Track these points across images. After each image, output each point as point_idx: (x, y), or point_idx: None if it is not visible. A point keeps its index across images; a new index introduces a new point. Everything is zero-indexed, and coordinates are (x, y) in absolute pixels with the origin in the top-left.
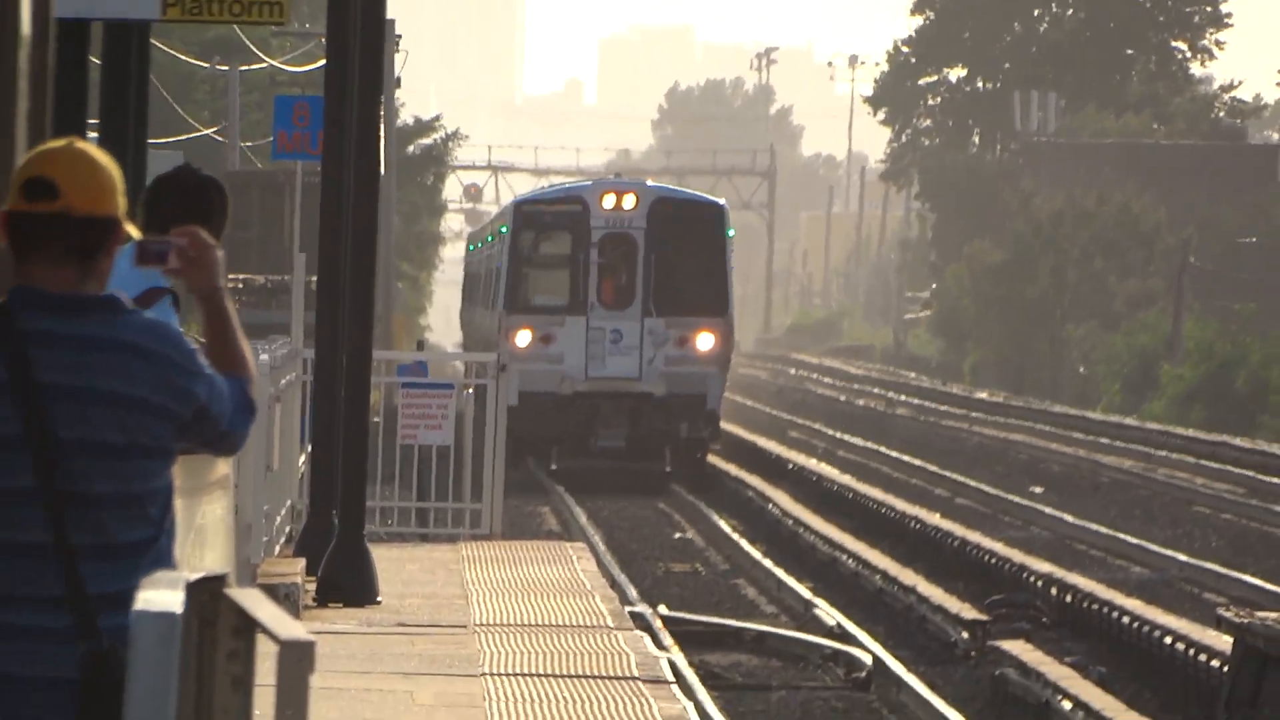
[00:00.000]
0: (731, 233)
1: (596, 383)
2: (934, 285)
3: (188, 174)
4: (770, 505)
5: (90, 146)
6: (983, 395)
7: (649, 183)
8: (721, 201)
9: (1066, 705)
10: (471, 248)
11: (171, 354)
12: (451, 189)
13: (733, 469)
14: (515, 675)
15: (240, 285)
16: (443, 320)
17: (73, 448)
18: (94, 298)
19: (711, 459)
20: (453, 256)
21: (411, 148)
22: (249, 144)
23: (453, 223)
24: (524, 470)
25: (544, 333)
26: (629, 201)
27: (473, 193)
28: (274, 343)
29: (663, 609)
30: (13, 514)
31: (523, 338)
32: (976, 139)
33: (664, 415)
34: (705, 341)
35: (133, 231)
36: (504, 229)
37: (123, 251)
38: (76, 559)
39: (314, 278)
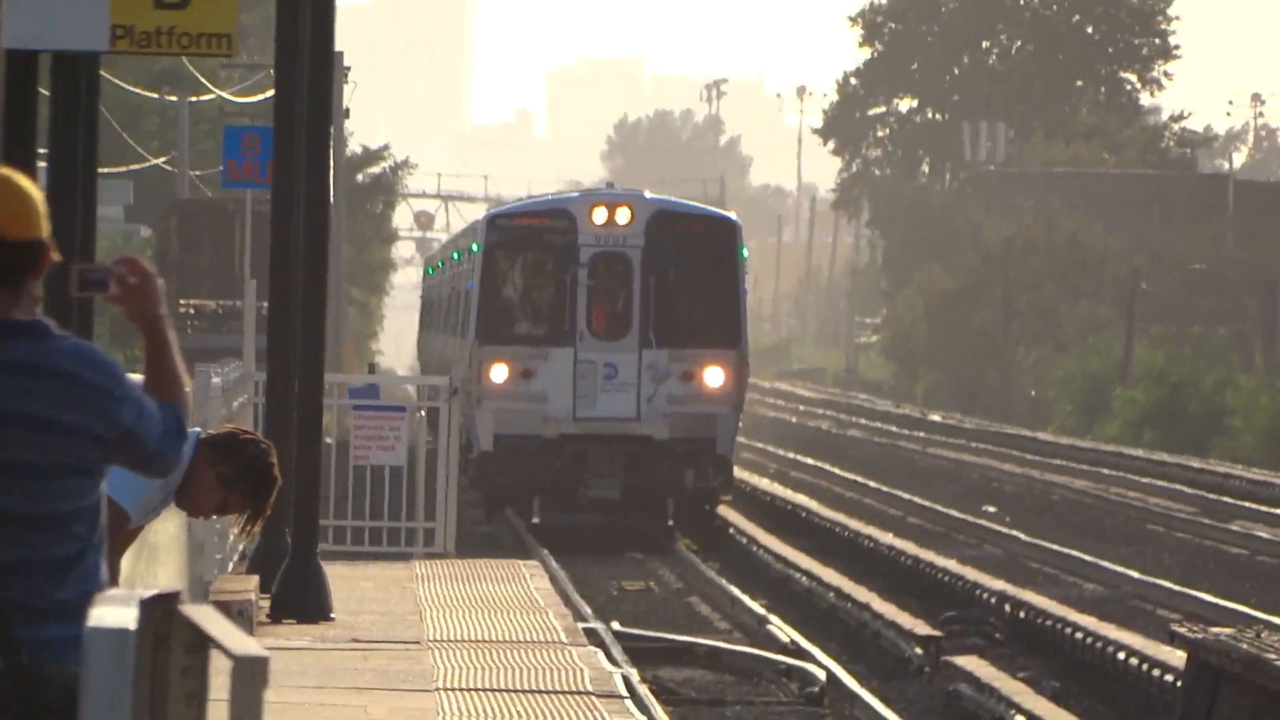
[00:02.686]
0: (745, 253)
1: (587, 424)
2: (884, 311)
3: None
4: (724, 524)
5: (9, 171)
6: (935, 417)
7: (646, 194)
8: (733, 216)
9: None
10: (430, 270)
11: (97, 379)
12: (402, 217)
13: None
14: (469, 690)
15: (192, 311)
16: (393, 345)
17: None
18: (21, 323)
19: None
20: (403, 283)
21: (361, 176)
22: (198, 173)
23: (403, 250)
24: (501, 524)
25: (524, 367)
26: (623, 215)
27: (423, 221)
28: (227, 366)
29: (616, 625)
30: None
31: (499, 372)
32: (926, 168)
33: (667, 462)
34: (714, 377)
35: (54, 255)
36: (475, 247)
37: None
38: None
39: (265, 303)
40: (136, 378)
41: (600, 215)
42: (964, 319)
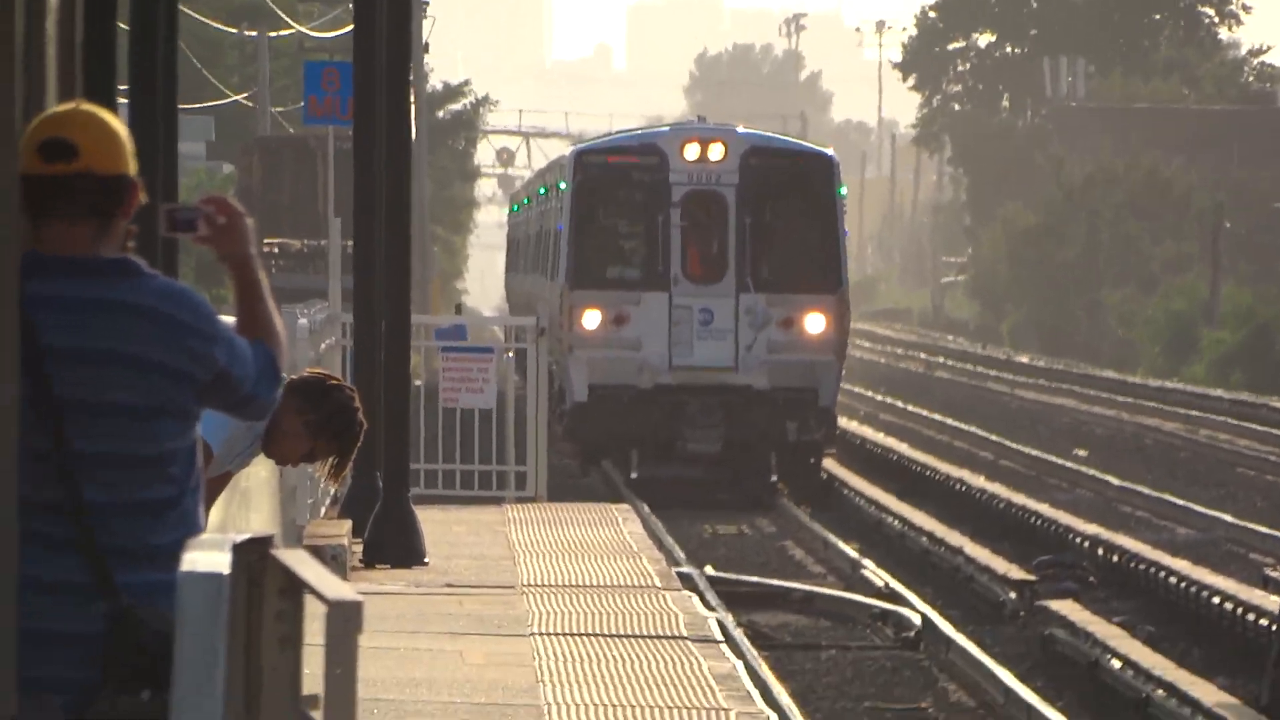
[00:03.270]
0: (844, 191)
1: (683, 373)
2: (969, 249)
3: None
4: (829, 479)
5: (95, 107)
6: (1023, 359)
7: (740, 129)
8: (830, 152)
9: (1115, 664)
10: (515, 207)
11: (185, 317)
12: (483, 154)
13: None
14: (564, 635)
15: (275, 250)
16: (479, 284)
17: (77, 408)
18: (108, 260)
19: None
20: (486, 221)
21: (441, 113)
22: (279, 109)
23: (485, 188)
24: (599, 478)
25: (617, 312)
26: (717, 151)
27: (504, 157)
28: (313, 307)
29: (710, 570)
30: (34, 472)
31: (591, 318)
32: (1006, 104)
33: (767, 413)
34: (815, 323)
35: (140, 195)
36: (562, 184)
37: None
38: (90, 516)
39: (350, 242)
40: (228, 319)
41: (692, 151)
42: (1048, 256)
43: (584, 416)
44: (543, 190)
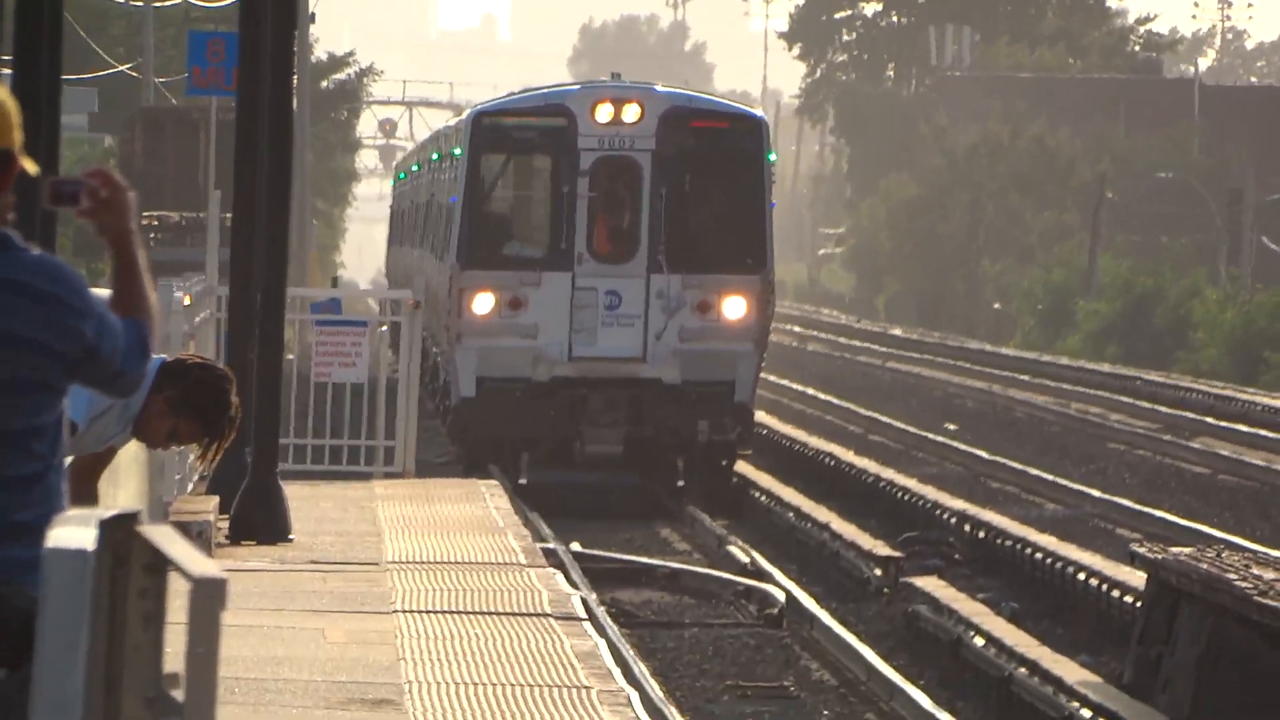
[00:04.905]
0: (773, 157)
1: (585, 365)
2: (849, 221)
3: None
4: (743, 483)
5: None
6: (896, 331)
7: (659, 87)
8: (759, 113)
9: (979, 642)
10: (402, 175)
11: (59, 291)
12: (366, 125)
13: None
14: (428, 612)
15: (155, 222)
16: (356, 257)
17: None
18: None
19: None
20: (367, 193)
21: (325, 84)
22: (164, 80)
23: (367, 159)
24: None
25: (513, 295)
26: (631, 112)
27: (387, 128)
28: (189, 280)
29: (575, 546)
30: None
31: (483, 302)
32: (891, 73)
33: (678, 410)
34: (735, 308)
35: (29, 166)
36: (456, 150)
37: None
38: None
39: (229, 215)
40: (102, 293)
41: (605, 112)
42: (929, 228)
43: (471, 414)
44: (435, 156)
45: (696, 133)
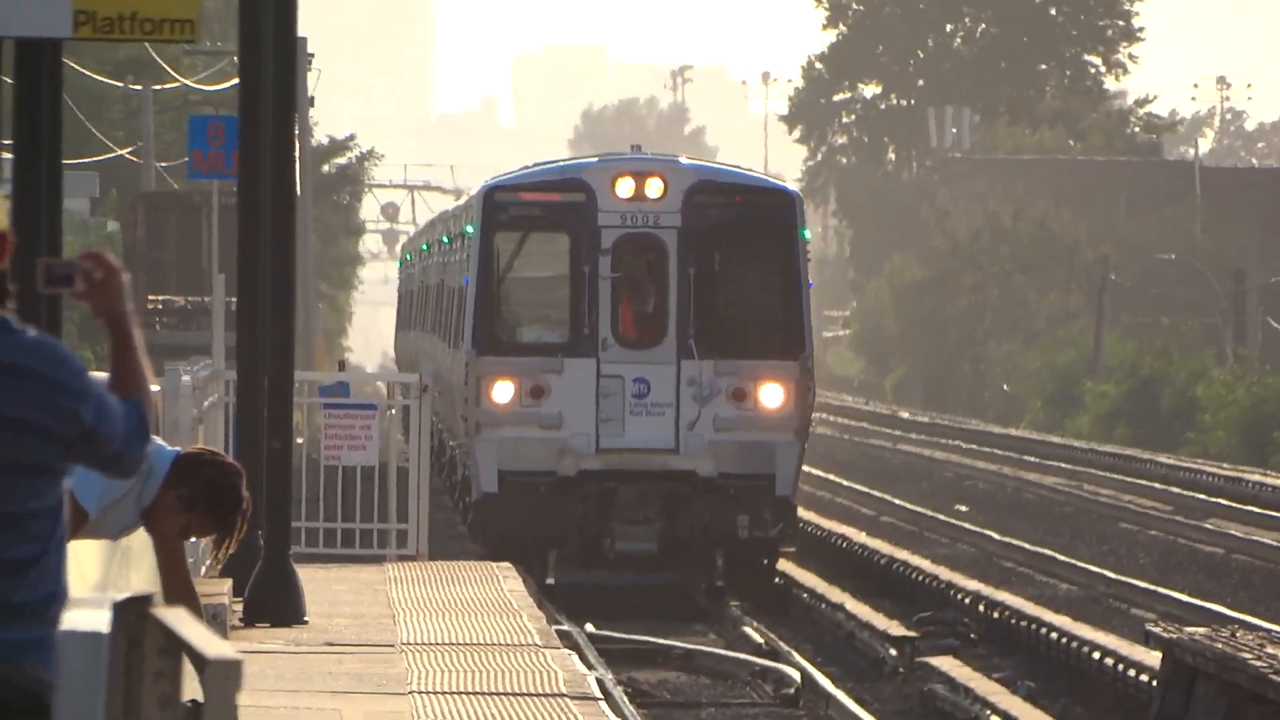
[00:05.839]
0: (807, 234)
1: (614, 457)
2: (854, 303)
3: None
4: (787, 583)
5: None
6: (905, 414)
7: (683, 160)
8: (793, 188)
9: None
10: (409, 256)
11: (56, 374)
12: (368, 209)
13: None
14: (443, 693)
15: (159, 307)
16: (362, 341)
17: None
18: None
19: None
20: (371, 277)
21: (327, 167)
22: (164, 164)
23: (370, 244)
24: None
25: (534, 383)
26: (655, 187)
27: (390, 212)
28: (195, 364)
29: (590, 627)
30: None
31: (503, 391)
32: (892, 155)
33: (715, 505)
34: (773, 396)
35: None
36: (468, 229)
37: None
38: None
39: (233, 299)
40: (101, 375)
41: (626, 187)
42: (934, 310)
43: (493, 510)
44: (445, 240)
45: (725, 208)
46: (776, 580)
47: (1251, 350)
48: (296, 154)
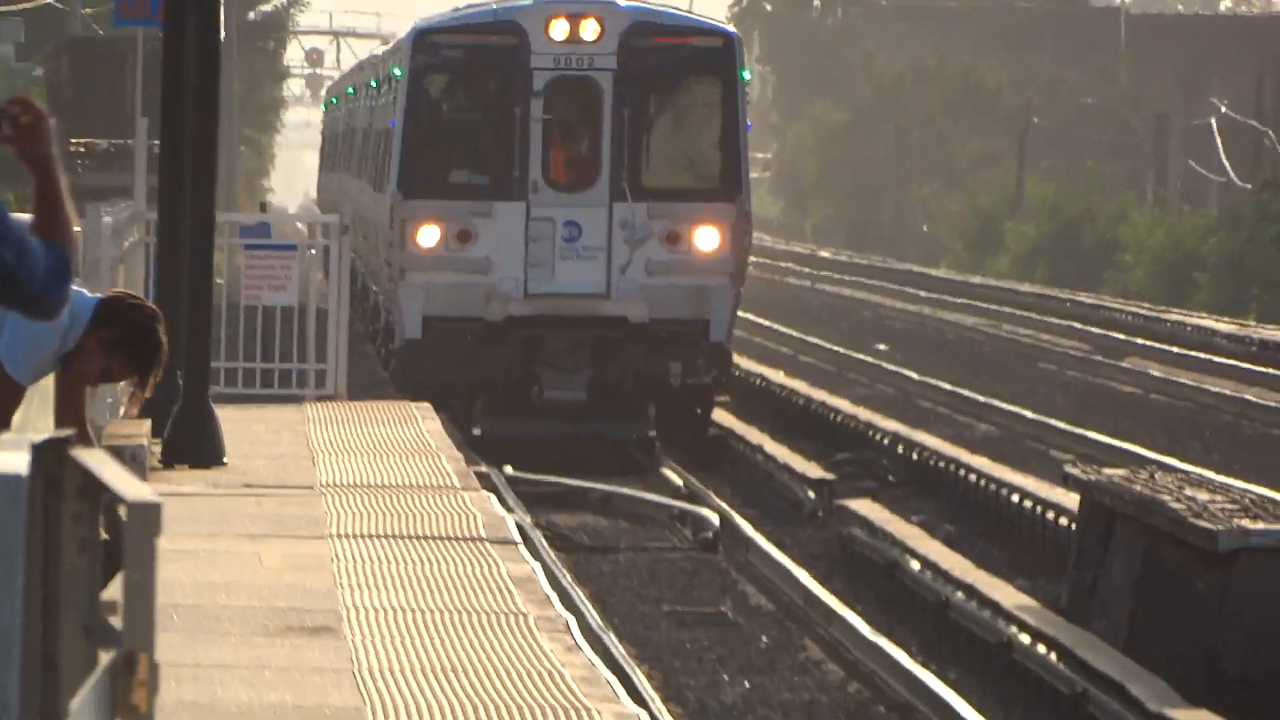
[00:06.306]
0: (747, 75)
1: (543, 302)
2: (775, 146)
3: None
4: (721, 433)
5: None
6: (825, 254)
7: (619, 2)
8: (731, 29)
9: (914, 564)
10: (335, 100)
11: None
12: (293, 55)
13: None
14: (362, 536)
15: (82, 150)
16: (284, 184)
17: None
18: None
19: None
20: (294, 120)
21: (252, 14)
22: (90, 10)
23: (294, 87)
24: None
25: (461, 227)
26: (590, 29)
27: (314, 58)
28: (117, 205)
29: (508, 469)
30: None
31: (428, 234)
32: (817, 2)
33: (646, 351)
34: (708, 238)
35: None
36: (396, 71)
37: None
38: None
39: (156, 141)
40: (24, 217)
41: (560, 28)
42: (857, 153)
43: (417, 357)
44: (373, 83)
45: (662, 50)
46: (712, 431)
47: (1172, 192)
48: (222, 1)
